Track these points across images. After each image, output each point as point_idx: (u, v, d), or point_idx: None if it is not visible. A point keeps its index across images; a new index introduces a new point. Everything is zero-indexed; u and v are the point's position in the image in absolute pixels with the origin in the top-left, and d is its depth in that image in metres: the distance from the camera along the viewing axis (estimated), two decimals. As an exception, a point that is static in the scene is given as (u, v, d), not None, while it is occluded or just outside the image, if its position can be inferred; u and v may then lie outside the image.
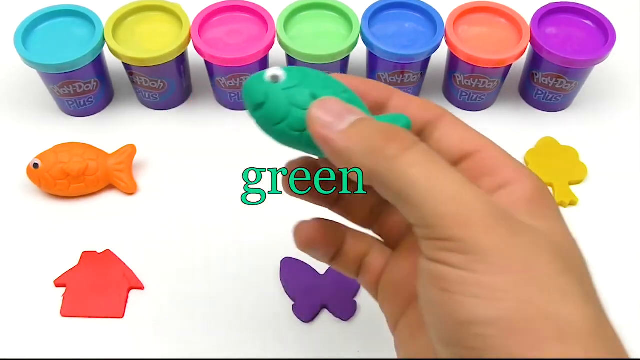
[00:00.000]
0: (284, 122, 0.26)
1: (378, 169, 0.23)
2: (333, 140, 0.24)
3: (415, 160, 0.23)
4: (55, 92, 0.54)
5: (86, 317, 0.44)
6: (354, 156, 0.23)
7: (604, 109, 0.58)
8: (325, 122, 0.24)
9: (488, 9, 0.55)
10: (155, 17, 0.54)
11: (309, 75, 0.26)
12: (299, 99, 0.25)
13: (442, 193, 0.22)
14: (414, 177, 0.22)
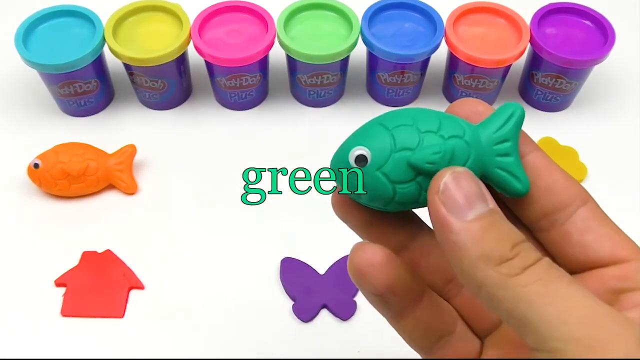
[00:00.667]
0: (393, 201, 0.23)
1: (489, 284, 0.20)
2: (452, 229, 0.20)
3: (535, 277, 0.20)
4: (55, 92, 0.54)
5: (86, 317, 0.44)
6: (467, 257, 0.20)
7: (604, 109, 0.58)
8: (453, 204, 0.21)
9: (488, 9, 0.55)
10: (155, 17, 0.54)
11: (397, 131, 0.22)
12: (400, 175, 0.22)
13: (570, 313, 0.19)
14: (531, 296, 0.19)
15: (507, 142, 0.23)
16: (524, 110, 0.24)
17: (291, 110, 0.57)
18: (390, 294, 0.24)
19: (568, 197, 0.24)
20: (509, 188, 0.23)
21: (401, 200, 0.23)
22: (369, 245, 0.24)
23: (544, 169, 0.24)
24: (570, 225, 0.24)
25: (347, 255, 0.49)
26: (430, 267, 0.25)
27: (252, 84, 0.54)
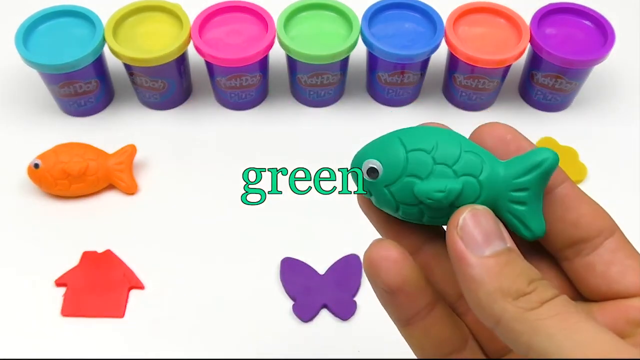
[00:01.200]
0: (398, 212, 0.24)
1: (507, 317, 0.20)
2: (469, 263, 0.21)
3: (553, 311, 0.20)
4: (55, 92, 0.54)
5: (86, 317, 0.44)
6: (483, 290, 0.21)
7: (604, 109, 0.58)
8: (471, 239, 0.21)
9: (488, 9, 0.55)
10: (155, 17, 0.54)
11: (413, 155, 0.23)
12: (404, 198, 0.23)
13: (590, 348, 0.19)
14: (550, 329, 0.19)
15: (525, 191, 0.23)
16: (557, 159, 0.23)
17: (291, 110, 0.57)
18: (401, 293, 0.24)
19: (595, 230, 0.24)
20: (518, 233, 0.23)
21: (405, 217, 0.24)
22: (386, 241, 0.24)
23: (573, 201, 0.24)
24: (596, 257, 0.24)
25: (347, 255, 0.49)
26: (443, 275, 0.26)
27: (252, 84, 0.54)
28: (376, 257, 0.24)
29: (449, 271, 0.25)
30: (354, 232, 0.49)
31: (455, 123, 0.56)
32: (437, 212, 0.23)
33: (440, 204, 0.22)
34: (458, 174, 0.22)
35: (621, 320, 0.23)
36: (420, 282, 0.24)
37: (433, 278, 0.26)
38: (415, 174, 0.23)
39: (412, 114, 0.57)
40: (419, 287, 0.24)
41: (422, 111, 0.57)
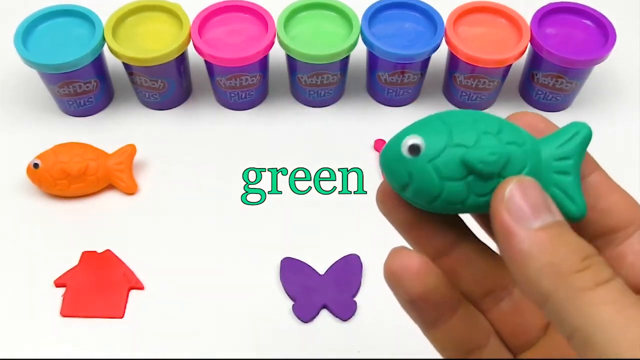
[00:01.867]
0: (439, 198, 0.22)
1: (557, 296, 0.19)
2: (518, 238, 0.20)
3: (609, 298, 0.19)
4: (55, 92, 0.54)
5: (86, 317, 0.44)
6: (533, 266, 0.19)
7: (604, 109, 0.58)
8: (519, 212, 0.20)
9: (488, 9, 0.55)
10: (155, 17, 0.54)
11: (456, 127, 0.22)
12: (451, 171, 0.21)
13: (634, 343, 0.18)
14: (604, 317, 0.18)
15: (568, 159, 0.22)
16: (591, 130, 0.23)
17: (291, 110, 0.57)
18: (423, 302, 0.23)
19: (627, 219, 0.23)
20: (563, 209, 0.22)
21: (447, 199, 0.22)
22: (406, 250, 0.23)
23: (605, 189, 0.24)
24: (627, 247, 0.23)
25: (347, 255, 0.49)
26: (469, 277, 0.25)
27: (252, 84, 0.54)
28: (396, 268, 0.23)
29: (475, 273, 0.25)
30: (354, 232, 0.49)
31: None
32: (485, 187, 0.21)
33: (492, 170, 0.21)
34: (504, 142, 0.21)
35: None
36: (443, 290, 0.23)
37: (458, 281, 0.25)
38: (462, 144, 0.21)
39: (412, 114, 0.57)
40: (442, 295, 0.23)
41: (422, 111, 0.57)
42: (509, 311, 0.25)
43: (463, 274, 0.25)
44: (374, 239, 0.48)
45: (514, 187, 0.20)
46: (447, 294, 0.23)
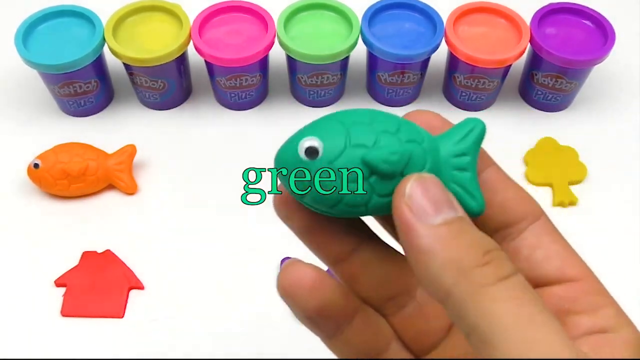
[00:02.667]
0: (341, 202, 0.21)
1: (458, 291, 0.19)
2: (418, 234, 0.19)
3: (509, 295, 0.18)
4: (55, 92, 0.54)
5: (86, 317, 0.44)
6: (434, 261, 0.19)
7: (604, 109, 0.58)
8: (420, 208, 0.20)
9: (488, 9, 0.55)
10: (155, 17, 0.54)
11: (353, 127, 0.21)
12: (352, 174, 0.20)
13: (528, 344, 0.18)
14: (502, 314, 0.18)
15: (466, 156, 0.22)
16: (485, 126, 0.23)
17: (291, 110, 0.57)
18: (319, 317, 0.22)
19: (521, 213, 0.23)
20: (463, 205, 0.21)
21: (350, 203, 0.21)
22: (299, 264, 0.22)
23: (499, 185, 0.23)
24: (521, 241, 0.23)
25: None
26: (370, 282, 0.24)
27: (252, 84, 0.54)
28: (290, 283, 0.22)
29: (376, 277, 0.24)
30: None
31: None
32: (387, 187, 0.21)
33: (395, 169, 0.20)
34: (403, 141, 0.21)
35: None
36: (339, 301, 0.23)
37: (358, 286, 0.24)
38: (362, 144, 0.20)
39: (412, 114, 0.57)
40: (338, 307, 0.23)
41: (422, 111, 0.57)
42: (412, 315, 0.24)
43: (363, 279, 0.24)
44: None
45: (415, 183, 0.20)
46: (344, 304, 0.23)
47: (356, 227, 0.24)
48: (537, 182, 0.52)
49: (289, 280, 0.22)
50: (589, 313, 0.21)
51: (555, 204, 0.51)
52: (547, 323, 0.18)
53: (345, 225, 0.24)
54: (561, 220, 0.54)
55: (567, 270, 0.22)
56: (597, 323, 0.21)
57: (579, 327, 0.21)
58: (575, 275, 0.22)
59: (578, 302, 0.22)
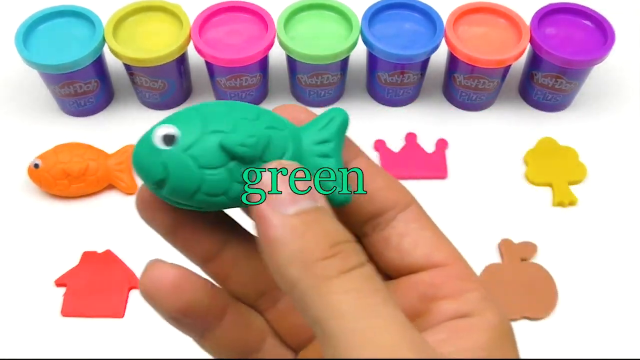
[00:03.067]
0: (199, 191, 0.20)
1: (302, 284, 0.18)
2: (271, 224, 0.19)
3: (351, 286, 0.18)
4: (55, 92, 0.54)
5: (86, 317, 0.44)
6: (283, 253, 0.18)
7: (604, 109, 0.58)
8: (275, 197, 0.19)
9: (488, 9, 0.55)
10: (155, 17, 0.54)
11: (211, 115, 0.20)
12: (210, 159, 0.20)
13: (366, 334, 0.17)
14: (341, 307, 0.18)
15: (328, 142, 0.22)
16: (348, 115, 0.22)
17: (291, 110, 0.57)
18: (184, 317, 0.22)
19: (390, 202, 0.23)
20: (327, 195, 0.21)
21: (209, 190, 0.20)
22: (160, 264, 0.22)
23: (367, 174, 0.23)
24: (391, 230, 0.23)
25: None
26: (241, 278, 0.23)
27: (252, 84, 0.54)
28: (149, 284, 0.21)
29: (246, 273, 0.23)
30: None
31: (455, 123, 0.57)
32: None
33: (252, 153, 0.20)
34: (263, 127, 0.21)
35: (414, 297, 0.22)
36: (206, 300, 0.22)
37: (230, 284, 0.24)
38: (219, 129, 0.20)
39: (412, 114, 0.57)
40: (205, 306, 0.22)
41: (422, 111, 0.57)
42: (286, 309, 0.24)
43: (234, 275, 0.24)
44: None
45: (272, 168, 0.20)
46: (211, 303, 0.22)
47: (224, 224, 0.23)
48: (537, 182, 0.52)
49: (149, 281, 0.21)
50: (453, 298, 0.21)
51: (555, 204, 0.51)
52: (388, 313, 0.18)
53: (212, 222, 0.23)
54: (561, 220, 0.54)
55: (434, 256, 0.22)
56: (461, 308, 0.21)
57: (442, 312, 0.21)
58: (442, 261, 0.22)
59: (443, 287, 0.22)
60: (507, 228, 0.49)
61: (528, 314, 0.45)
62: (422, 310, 0.22)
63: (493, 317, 0.21)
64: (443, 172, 0.52)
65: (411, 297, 0.22)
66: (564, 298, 0.46)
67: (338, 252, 0.19)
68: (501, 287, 0.46)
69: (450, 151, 0.54)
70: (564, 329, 0.45)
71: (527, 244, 0.48)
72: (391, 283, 0.23)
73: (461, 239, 0.51)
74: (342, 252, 0.19)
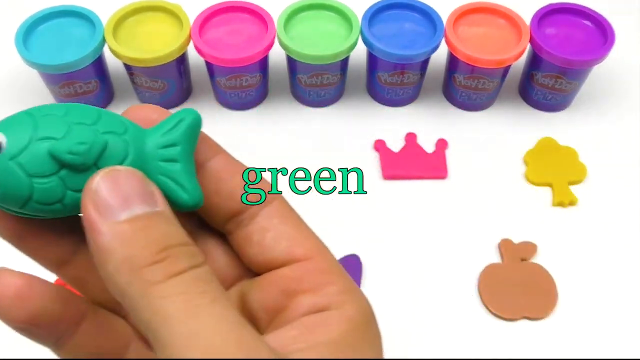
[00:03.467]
0: (31, 200, 0.20)
1: (131, 291, 0.18)
2: (99, 232, 0.18)
3: (177, 290, 0.18)
4: (55, 92, 0.54)
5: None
6: (112, 261, 0.18)
7: (604, 109, 0.58)
8: (104, 204, 0.19)
9: (488, 9, 0.55)
10: (155, 17, 0.54)
11: (43, 120, 0.20)
12: (39, 167, 0.19)
13: (191, 336, 0.17)
14: (167, 312, 0.18)
15: (174, 146, 0.21)
16: (199, 116, 0.22)
17: (291, 110, 0.57)
18: (31, 327, 0.21)
19: None
20: (175, 198, 0.21)
21: (41, 199, 0.20)
22: (5, 274, 0.21)
23: (226, 173, 0.23)
24: (253, 226, 0.23)
25: (347, 255, 0.49)
26: (99, 283, 0.22)
27: (252, 84, 0.54)
28: None
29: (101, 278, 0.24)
30: (354, 232, 0.49)
31: (455, 123, 0.57)
32: (82, 181, 0.19)
33: (84, 161, 0.19)
34: (100, 132, 0.20)
35: (276, 292, 0.22)
36: (57, 308, 0.21)
37: (87, 289, 0.23)
38: (50, 136, 0.19)
39: (412, 114, 0.57)
40: (56, 314, 0.21)
41: (422, 111, 0.57)
42: None
43: (91, 281, 0.23)
44: (374, 239, 0.49)
45: (102, 178, 0.19)
46: (65, 310, 0.22)
47: (74, 228, 0.22)
48: (537, 182, 0.52)
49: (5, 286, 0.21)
50: (312, 292, 0.21)
51: (555, 204, 0.51)
52: (215, 314, 0.18)
53: (63, 227, 0.22)
54: (561, 220, 0.54)
55: (295, 250, 0.22)
56: (319, 302, 0.21)
57: (300, 307, 0.21)
58: (303, 255, 0.22)
59: (303, 281, 0.21)
60: (507, 228, 0.49)
61: (528, 314, 0.45)
62: (283, 305, 0.22)
63: (351, 309, 0.21)
64: (443, 172, 0.52)
65: (273, 293, 0.22)
66: (564, 298, 0.46)
67: (166, 257, 0.19)
68: (501, 287, 0.46)
69: (450, 151, 0.54)
70: (564, 329, 0.45)
71: (527, 244, 0.48)
72: (255, 280, 0.23)
73: (461, 239, 0.52)
74: (171, 257, 0.19)
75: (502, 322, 0.45)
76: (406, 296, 0.46)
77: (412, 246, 0.48)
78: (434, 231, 0.49)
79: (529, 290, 0.46)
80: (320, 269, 0.22)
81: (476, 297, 0.46)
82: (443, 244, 0.48)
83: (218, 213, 0.23)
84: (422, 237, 0.49)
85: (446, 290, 0.46)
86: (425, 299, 0.46)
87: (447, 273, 0.47)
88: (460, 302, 0.46)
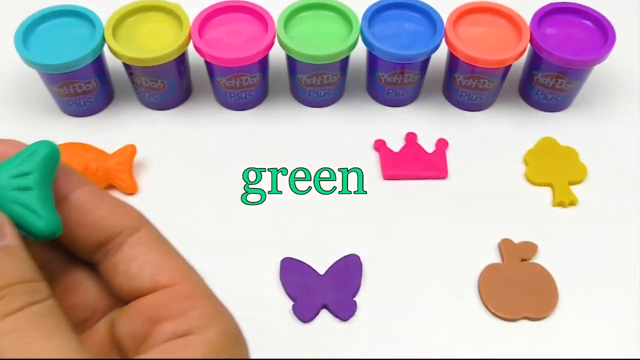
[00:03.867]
0: None
1: None
2: None
3: (13, 327, 0.19)
4: (55, 92, 0.54)
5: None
6: None
7: (604, 109, 0.58)
8: None
9: (488, 9, 0.55)
10: (155, 17, 0.54)
11: None
12: None
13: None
14: (4, 349, 0.18)
15: (29, 175, 0.22)
16: (56, 147, 0.22)
17: (291, 110, 0.57)
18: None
19: (117, 228, 0.23)
20: (29, 226, 0.21)
21: None
22: None
23: (90, 205, 0.23)
24: (120, 255, 0.23)
25: (347, 256, 0.49)
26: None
27: (252, 84, 0.54)
28: None
29: None
30: (354, 232, 0.49)
31: (455, 123, 0.57)
32: None
33: None
34: None
35: (141, 320, 0.22)
36: None
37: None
38: None
39: (412, 114, 0.57)
40: None
41: (422, 111, 0.57)
42: None
43: None
44: (374, 239, 0.49)
45: None
46: None
47: None
48: (537, 182, 0.52)
49: None
50: (175, 318, 0.22)
51: (555, 204, 0.51)
52: (49, 347, 0.18)
53: None
54: (561, 220, 0.54)
55: (159, 277, 0.22)
56: (181, 327, 0.21)
57: (163, 333, 0.21)
58: (168, 281, 0.22)
59: (166, 308, 0.22)
60: (507, 228, 0.49)
61: (528, 314, 0.45)
62: (148, 333, 0.22)
63: (212, 332, 0.21)
64: (443, 172, 0.52)
65: (139, 321, 0.22)
66: (564, 298, 0.46)
67: (4, 296, 0.19)
68: (501, 287, 0.46)
69: (450, 151, 0.54)
70: (564, 329, 0.45)
71: (527, 244, 0.48)
72: (123, 309, 0.23)
73: (461, 239, 0.52)
74: (8, 295, 0.19)
75: (502, 322, 0.45)
76: (406, 296, 0.46)
77: (412, 246, 0.48)
78: (434, 231, 0.49)
79: (529, 290, 0.46)
80: (185, 294, 0.22)
81: (476, 297, 0.46)
82: (443, 243, 0.48)
83: (84, 244, 0.23)
84: (422, 237, 0.48)
85: (446, 290, 0.46)
86: (425, 299, 0.46)
87: (447, 273, 0.47)
88: (460, 302, 0.46)
